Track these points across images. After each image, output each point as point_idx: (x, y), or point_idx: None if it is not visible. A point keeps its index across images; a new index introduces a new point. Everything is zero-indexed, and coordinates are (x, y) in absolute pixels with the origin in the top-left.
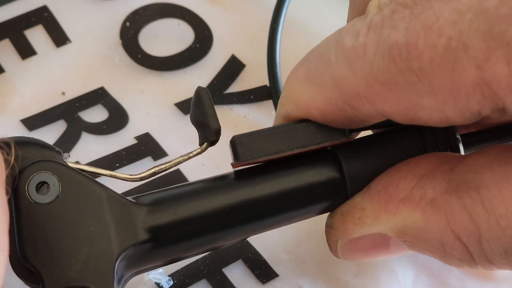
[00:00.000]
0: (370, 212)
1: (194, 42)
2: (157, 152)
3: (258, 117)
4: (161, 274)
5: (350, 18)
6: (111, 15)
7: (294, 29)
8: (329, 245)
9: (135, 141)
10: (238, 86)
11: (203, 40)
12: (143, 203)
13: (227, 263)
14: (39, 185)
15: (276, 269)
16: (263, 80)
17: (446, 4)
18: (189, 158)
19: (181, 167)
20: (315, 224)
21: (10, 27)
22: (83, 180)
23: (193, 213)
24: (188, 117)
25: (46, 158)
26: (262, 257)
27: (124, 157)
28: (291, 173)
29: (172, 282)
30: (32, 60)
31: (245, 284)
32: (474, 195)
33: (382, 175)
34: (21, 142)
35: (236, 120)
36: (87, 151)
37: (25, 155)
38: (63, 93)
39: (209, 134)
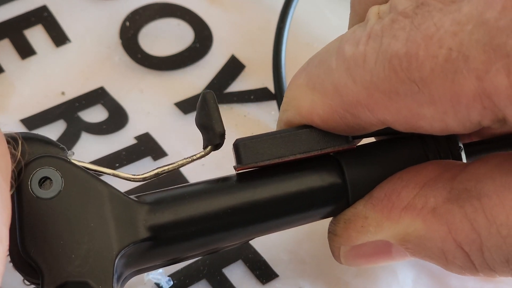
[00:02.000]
0: (373, 220)
1: (194, 42)
2: (157, 152)
3: (258, 117)
4: (161, 275)
5: (351, 24)
6: (110, 15)
7: (295, 29)
8: (332, 251)
9: (135, 141)
10: (238, 86)
11: (203, 40)
12: (145, 202)
13: (227, 263)
14: (42, 180)
15: (276, 269)
16: (263, 81)
17: (446, 14)
18: (192, 161)
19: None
20: (315, 224)
21: (10, 26)
22: (86, 176)
23: (194, 214)
24: (188, 116)
25: (50, 154)
26: (262, 257)
27: (124, 157)
28: (293, 177)
29: (172, 283)
30: (31, 60)
31: (245, 285)
32: (476, 203)
33: (384, 183)
34: (26, 138)
35: (236, 119)
36: (86, 151)
37: (30, 150)
38: (63, 93)
39: (213, 137)
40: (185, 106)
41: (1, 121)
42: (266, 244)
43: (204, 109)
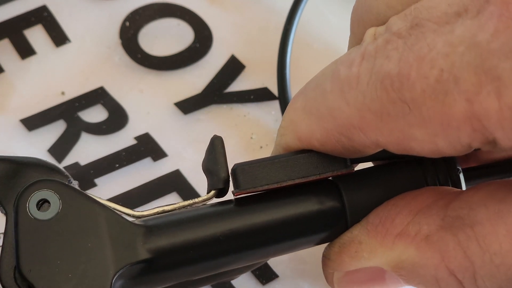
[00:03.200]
0: (367, 246)
1: (194, 42)
2: (156, 152)
3: (258, 117)
4: None
5: (350, 47)
6: (110, 14)
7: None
8: (325, 276)
9: (134, 142)
10: (238, 86)
11: (203, 40)
12: (143, 224)
13: None
14: (40, 202)
15: (276, 270)
16: (263, 81)
17: (439, 36)
18: (194, 203)
19: (181, 167)
20: None
21: (10, 26)
22: (84, 199)
23: (191, 238)
24: (188, 117)
25: (49, 178)
26: None
27: (124, 157)
28: (291, 201)
29: None
30: (31, 60)
31: (245, 285)
32: (469, 232)
33: (380, 209)
34: (32, 164)
35: (236, 119)
36: (86, 151)
37: (34, 174)
38: (63, 93)
39: (217, 182)
40: (185, 106)
41: (0, 121)
42: None
43: (212, 154)
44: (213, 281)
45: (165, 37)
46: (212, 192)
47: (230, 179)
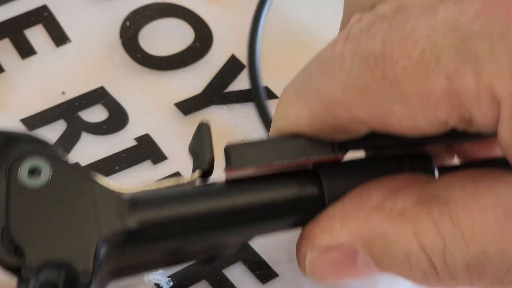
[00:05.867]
0: (340, 218)
1: (194, 42)
2: (157, 155)
3: (258, 117)
4: (161, 275)
5: (340, 31)
6: (111, 14)
7: (296, 30)
8: (298, 260)
9: (135, 143)
10: (238, 85)
11: (203, 39)
12: (129, 198)
13: (227, 264)
14: (31, 170)
15: (276, 269)
16: (263, 81)
17: (423, 18)
18: (179, 184)
19: (181, 170)
20: None
21: (10, 26)
22: (73, 170)
23: (174, 213)
24: (188, 117)
25: (41, 149)
26: (262, 258)
27: (124, 159)
28: (272, 186)
29: (172, 283)
30: (32, 59)
31: (244, 285)
32: (443, 208)
33: (357, 187)
34: (26, 137)
35: (236, 120)
36: (87, 151)
37: (26, 146)
38: (63, 93)
39: (202, 163)
40: (185, 106)
41: (1, 121)
42: (265, 244)
43: (198, 137)
44: (193, 258)
45: (165, 37)
46: (197, 171)
47: (224, 156)
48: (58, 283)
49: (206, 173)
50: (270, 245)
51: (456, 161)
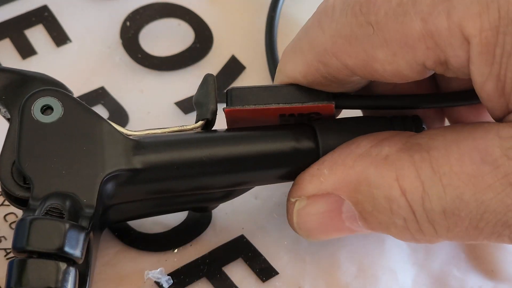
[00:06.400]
0: (328, 163)
1: (194, 42)
2: None
3: None
4: (161, 273)
5: None
6: (111, 14)
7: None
8: (287, 211)
9: None
10: (238, 85)
11: (203, 40)
12: (136, 139)
13: (227, 261)
14: (44, 107)
15: (276, 267)
16: (263, 82)
17: None
18: (182, 130)
19: None
20: None
21: (11, 26)
22: (84, 109)
23: (177, 155)
24: (188, 116)
25: (54, 88)
26: (262, 255)
27: None
28: (271, 136)
29: (172, 281)
30: (32, 59)
31: (245, 282)
32: (424, 154)
33: (349, 140)
34: (39, 77)
35: None
36: None
37: (40, 86)
38: None
39: (205, 112)
40: (185, 106)
41: (2, 121)
42: (266, 242)
43: (203, 88)
44: (192, 204)
45: (165, 37)
46: (200, 122)
47: (225, 98)
48: (63, 211)
49: (210, 122)
50: (271, 242)
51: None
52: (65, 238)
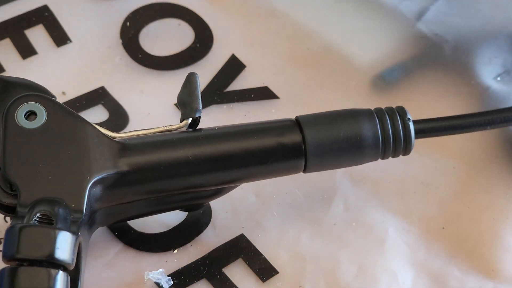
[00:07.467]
0: None
1: (195, 42)
2: None
3: (259, 116)
4: (161, 274)
5: None
6: (111, 14)
7: (295, 33)
8: None
9: None
10: (238, 85)
11: (203, 40)
12: (121, 142)
13: (227, 262)
14: (28, 113)
15: (276, 266)
16: (263, 80)
17: None
18: (167, 130)
19: None
20: (315, 224)
21: (11, 26)
22: (68, 114)
23: (163, 156)
24: None
25: (37, 93)
26: (262, 255)
27: None
28: (257, 131)
29: (172, 282)
30: (32, 59)
31: (245, 283)
32: None
33: None
34: (22, 83)
35: (236, 119)
36: None
37: (23, 92)
38: (64, 93)
39: (190, 112)
40: None
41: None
42: (266, 242)
43: (187, 87)
44: (182, 203)
45: (165, 37)
46: (185, 121)
47: None
48: (52, 218)
49: (194, 121)
50: (271, 242)
51: None
52: (55, 245)
